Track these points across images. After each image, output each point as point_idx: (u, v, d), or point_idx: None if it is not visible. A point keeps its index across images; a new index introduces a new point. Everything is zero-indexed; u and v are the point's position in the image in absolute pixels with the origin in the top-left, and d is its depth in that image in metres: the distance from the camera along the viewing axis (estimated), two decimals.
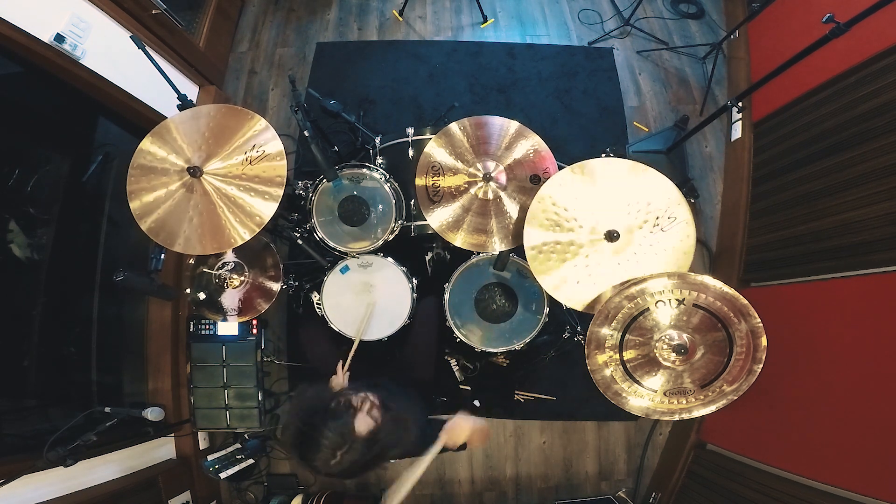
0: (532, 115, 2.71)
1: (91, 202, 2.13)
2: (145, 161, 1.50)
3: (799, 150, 1.99)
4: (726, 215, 2.47)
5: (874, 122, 1.63)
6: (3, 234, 1.72)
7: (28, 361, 1.78)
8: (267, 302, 1.86)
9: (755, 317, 1.26)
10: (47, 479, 1.60)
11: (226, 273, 1.86)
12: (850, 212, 1.69)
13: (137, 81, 2.06)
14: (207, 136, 1.50)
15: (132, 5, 2.04)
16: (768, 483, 1.73)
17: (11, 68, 1.65)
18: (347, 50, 2.89)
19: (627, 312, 1.35)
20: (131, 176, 1.48)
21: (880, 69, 1.65)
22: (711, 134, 2.65)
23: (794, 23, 2.18)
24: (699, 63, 2.80)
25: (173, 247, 1.47)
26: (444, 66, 2.82)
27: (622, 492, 2.30)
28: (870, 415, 1.46)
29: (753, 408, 1.82)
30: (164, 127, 1.52)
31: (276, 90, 2.82)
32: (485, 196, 1.59)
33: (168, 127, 1.52)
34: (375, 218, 1.85)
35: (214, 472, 2.00)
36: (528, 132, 1.62)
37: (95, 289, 2.08)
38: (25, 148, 1.87)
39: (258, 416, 2.10)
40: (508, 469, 2.36)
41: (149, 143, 1.51)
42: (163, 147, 1.50)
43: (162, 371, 2.21)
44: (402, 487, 1.18)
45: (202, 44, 2.57)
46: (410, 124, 1.95)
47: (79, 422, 1.66)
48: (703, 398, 1.34)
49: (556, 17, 2.97)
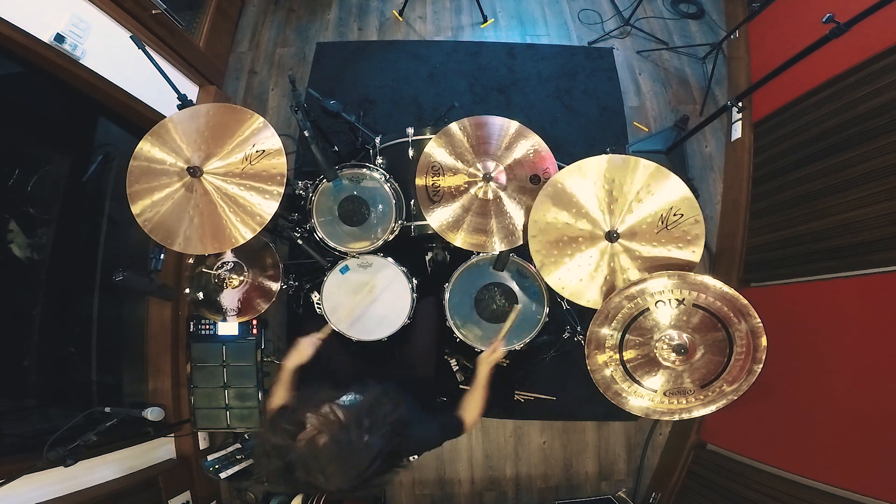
0: (532, 115, 2.71)
1: (91, 202, 2.13)
2: (144, 162, 1.50)
3: (799, 149, 1.99)
4: (726, 215, 2.47)
5: (874, 122, 1.63)
6: (3, 234, 1.72)
7: (28, 361, 1.78)
8: (266, 302, 1.86)
9: (755, 317, 1.27)
10: (47, 479, 1.60)
11: (225, 273, 1.86)
12: (850, 212, 1.69)
13: (137, 81, 2.06)
14: (207, 136, 1.50)
15: (132, 5, 2.03)
16: (768, 483, 1.73)
17: (11, 68, 1.65)
18: (347, 50, 2.89)
19: (627, 312, 1.35)
20: (131, 176, 1.49)
21: (880, 69, 1.64)
22: (711, 134, 2.65)
23: (794, 23, 2.18)
24: (699, 63, 2.80)
25: (174, 246, 1.47)
26: (444, 66, 2.82)
27: (622, 492, 2.30)
28: (870, 415, 1.46)
29: (753, 408, 1.82)
30: (163, 127, 1.52)
31: (276, 90, 2.82)
32: (485, 196, 1.59)
33: (166, 127, 1.52)
34: (375, 218, 1.85)
35: (214, 472, 2.00)
36: (528, 132, 1.62)
37: (95, 289, 2.08)
38: (25, 148, 1.87)
39: (258, 416, 2.09)
40: (508, 469, 2.36)
41: (147, 144, 1.51)
42: (162, 148, 1.50)
43: (162, 371, 2.20)
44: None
45: (202, 44, 2.57)
46: (410, 124, 1.95)
47: (79, 422, 1.66)
48: (703, 398, 1.34)
49: (556, 17, 2.97)
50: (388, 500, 2.31)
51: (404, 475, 2.34)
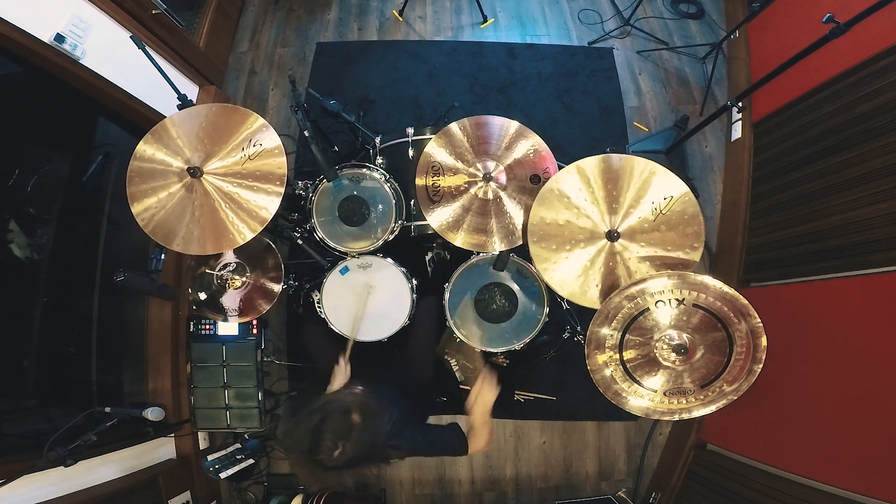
0: (532, 115, 2.71)
1: (91, 202, 2.13)
2: (145, 163, 1.50)
3: (799, 149, 1.99)
4: (726, 215, 2.47)
5: (874, 122, 1.63)
6: (3, 234, 1.72)
7: (28, 361, 1.78)
8: (268, 303, 1.86)
9: (755, 317, 1.27)
10: (47, 479, 1.60)
11: (227, 274, 1.86)
12: (850, 212, 1.69)
13: (137, 81, 2.06)
14: (202, 137, 1.50)
15: (132, 5, 2.03)
16: (768, 483, 1.73)
17: (11, 68, 1.65)
18: (347, 50, 2.89)
19: (627, 312, 1.35)
20: (131, 177, 1.49)
21: (880, 69, 1.64)
22: (711, 134, 2.65)
23: (794, 23, 2.18)
24: (699, 63, 2.80)
25: (174, 247, 1.47)
26: (444, 66, 2.82)
27: (622, 492, 2.29)
28: (870, 415, 1.46)
29: (753, 408, 1.82)
30: (162, 127, 1.52)
31: (276, 90, 2.82)
32: (485, 196, 1.59)
33: (166, 127, 1.51)
34: (375, 218, 1.85)
35: (214, 472, 2.00)
36: (528, 132, 1.62)
37: (95, 289, 2.08)
38: (25, 148, 1.87)
39: (258, 416, 2.09)
40: (508, 469, 2.36)
41: (146, 146, 1.51)
42: (161, 149, 1.50)
43: (162, 371, 2.20)
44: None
45: (202, 44, 2.57)
46: (410, 124, 1.95)
47: (79, 422, 1.66)
48: (703, 398, 1.34)
49: (556, 17, 2.97)
50: (387, 500, 2.31)
51: (404, 475, 2.34)
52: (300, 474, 2.30)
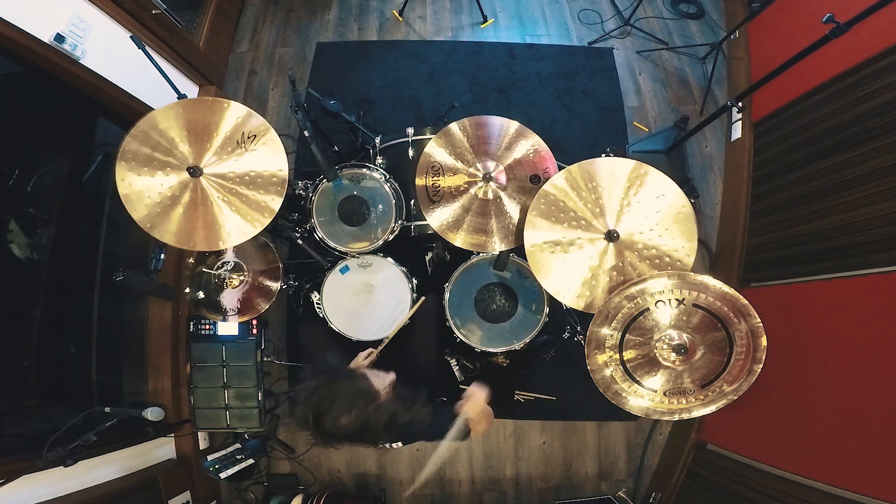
0: (532, 115, 2.71)
1: (91, 202, 2.13)
2: (140, 162, 1.49)
3: (799, 149, 1.99)
4: (726, 215, 2.47)
5: (874, 122, 1.63)
6: (3, 234, 1.72)
7: (28, 361, 1.78)
8: (266, 302, 1.86)
9: (755, 317, 1.27)
10: (47, 479, 1.60)
11: (225, 272, 1.86)
12: (850, 212, 1.69)
13: (137, 81, 2.06)
14: (188, 134, 1.48)
15: (132, 5, 2.03)
16: (768, 483, 1.73)
17: (11, 68, 1.65)
18: (347, 50, 2.89)
19: (627, 312, 1.35)
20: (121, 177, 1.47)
21: (880, 69, 1.64)
22: (711, 134, 2.65)
23: (794, 23, 2.18)
24: (699, 63, 2.80)
25: (174, 243, 1.47)
26: (444, 66, 2.82)
27: (622, 492, 2.29)
28: (870, 415, 1.46)
29: (753, 408, 1.82)
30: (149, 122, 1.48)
31: (276, 90, 2.82)
32: (485, 196, 1.59)
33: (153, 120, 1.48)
34: (375, 218, 1.85)
35: (214, 472, 2.00)
36: (528, 132, 1.62)
37: (95, 289, 2.08)
38: (25, 148, 1.87)
39: (258, 416, 2.09)
40: (508, 469, 2.36)
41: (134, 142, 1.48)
42: (154, 149, 1.48)
43: (162, 371, 2.20)
44: (430, 465, 1.37)
45: (202, 44, 2.57)
46: (410, 124, 1.95)
47: (79, 422, 1.66)
48: (703, 398, 1.34)
49: (556, 17, 2.97)
50: (387, 500, 2.31)
51: (405, 474, 2.34)
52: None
